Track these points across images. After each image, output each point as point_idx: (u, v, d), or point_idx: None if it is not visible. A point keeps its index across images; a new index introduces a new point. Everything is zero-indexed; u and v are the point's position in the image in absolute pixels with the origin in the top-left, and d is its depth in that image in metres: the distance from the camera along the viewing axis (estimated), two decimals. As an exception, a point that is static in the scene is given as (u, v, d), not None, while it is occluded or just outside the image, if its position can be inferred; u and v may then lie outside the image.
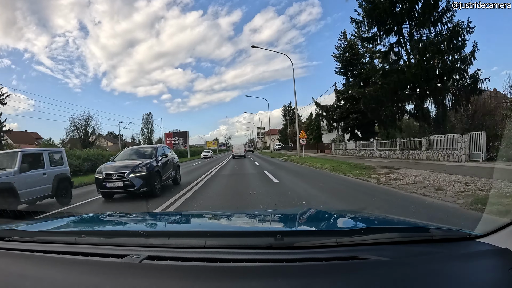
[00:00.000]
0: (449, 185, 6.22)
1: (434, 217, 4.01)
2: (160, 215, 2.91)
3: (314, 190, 7.24)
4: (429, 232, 1.02)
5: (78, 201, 7.41)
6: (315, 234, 1.21)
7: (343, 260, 0.88)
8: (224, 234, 1.24)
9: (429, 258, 0.87)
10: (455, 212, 4.34)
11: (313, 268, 0.84)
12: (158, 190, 7.36)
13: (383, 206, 4.98)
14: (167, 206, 5.98)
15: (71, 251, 1.04)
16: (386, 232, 1.05)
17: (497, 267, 0.84)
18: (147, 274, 0.85)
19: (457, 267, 0.84)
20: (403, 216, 3.76)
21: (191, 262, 0.90)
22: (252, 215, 1.98)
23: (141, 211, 5.47)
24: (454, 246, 0.96)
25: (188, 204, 6.20)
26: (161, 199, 6.69)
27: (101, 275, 0.87)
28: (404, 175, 8.39)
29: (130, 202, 6.85)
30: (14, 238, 1.19)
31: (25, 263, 1.00)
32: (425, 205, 4.83)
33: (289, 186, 8.16)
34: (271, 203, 5.67)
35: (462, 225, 1.29)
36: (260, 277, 0.82)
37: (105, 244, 1.09)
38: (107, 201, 7.29)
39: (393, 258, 0.88)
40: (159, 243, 1.08)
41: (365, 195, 6.25)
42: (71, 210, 6.44)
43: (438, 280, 0.78)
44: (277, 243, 0.98)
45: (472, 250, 0.92)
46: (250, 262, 0.89)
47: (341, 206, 5.10)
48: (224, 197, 7.05)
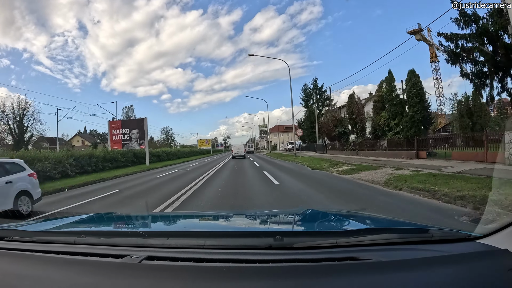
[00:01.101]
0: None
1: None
2: (160, 215, 2.92)
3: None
4: (428, 233, 1.03)
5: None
6: (315, 235, 1.21)
7: (342, 261, 0.88)
8: (223, 235, 1.24)
9: (429, 259, 0.87)
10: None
11: (313, 269, 0.84)
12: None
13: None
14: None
15: (70, 251, 1.04)
16: (386, 233, 1.05)
17: (496, 268, 0.84)
18: (147, 274, 0.85)
19: (457, 268, 0.84)
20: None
21: (190, 263, 0.90)
22: (251, 215, 1.98)
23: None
24: (454, 247, 0.96)
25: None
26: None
27: (100, 275, 0.87)
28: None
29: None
30: (14, 238, 1.19)
31: (25, 263, 0.99)
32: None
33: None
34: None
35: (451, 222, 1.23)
36: (259, 278, 0.82)
37: (105, 244, 1.09)
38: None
39: (393, 258, 0.88)
40: (159, 243, 1.08)
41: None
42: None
43: (437, 281, 0.78)
44: (277, 243, 0.98)
45: (471, 251, 0.92)
46: (249, 262, 0.89)
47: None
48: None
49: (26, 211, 6.10)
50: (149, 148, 26.84)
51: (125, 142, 25.28)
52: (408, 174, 8.59)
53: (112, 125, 26.36)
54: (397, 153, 16.32)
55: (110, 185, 11.73)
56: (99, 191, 9.72)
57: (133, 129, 25.48)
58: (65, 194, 10.02)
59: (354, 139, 23.36)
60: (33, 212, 6.01)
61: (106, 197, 8.32)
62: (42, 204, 7.15)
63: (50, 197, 9.04)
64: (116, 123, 27.04)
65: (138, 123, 26.29)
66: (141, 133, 25.17)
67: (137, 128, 25.42)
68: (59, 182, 12.55)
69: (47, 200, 8.12)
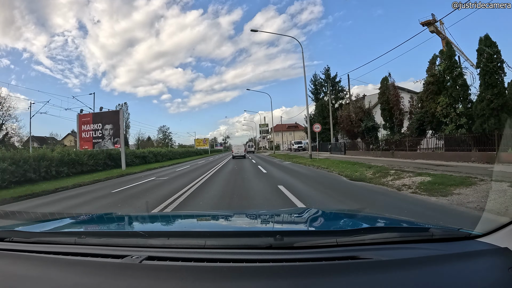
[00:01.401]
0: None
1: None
2: (160, 215, 2.88)
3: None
4: (428, 232, 1.04)
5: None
6: (315, 234, 1.22)
7: (343, 260, 0.88)
8: (223, 234, 1.24)
9: (429, 257, 0.87)
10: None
11: (313, 268, 0.84)
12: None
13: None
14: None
15: (71, 252, 1.04)
16: (386, 232, 1.07)
17: (497, 266, 0.84)
18: (147, 275, 0.85)
19: (457, 267, 0.85)
20: None
21: (191, 263, 0.90)
22: (251, 215, 1.98)
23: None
24: (454, 245, 0.97)
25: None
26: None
27: (101, 276, 0.88)
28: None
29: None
30: (14, 239, 1.19)
31: (25, 264, 1.00)
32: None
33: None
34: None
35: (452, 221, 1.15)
36: (260, 277, 0.82)
37: (105, 245, 1.09)
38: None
39: (393, 257, 0.88)
40: (159, 243, 1.08)
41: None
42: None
43: (438, 279, 0.79)
44: (277, 243, 0.98)
45: (472, 250, 0.93)
46: (249, 262, 0.89)
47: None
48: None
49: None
50: (139, 148, 20.84)
51: (96, 140, 19.08)
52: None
53: (81, 119, 19.72)
54: (460, 154, 11.55)
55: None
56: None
57: (105, 124, 19.02)
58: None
59: (387, 136, 18.11)
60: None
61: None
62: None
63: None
64: (86, 116, 20.04)
65: (112, 117, 19.47)
66: (115, 129, 18.86)
67: (111, 123, 18.93)
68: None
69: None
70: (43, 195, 9.46)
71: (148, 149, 33.03)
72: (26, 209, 6.61)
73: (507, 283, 0.78)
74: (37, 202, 8.14)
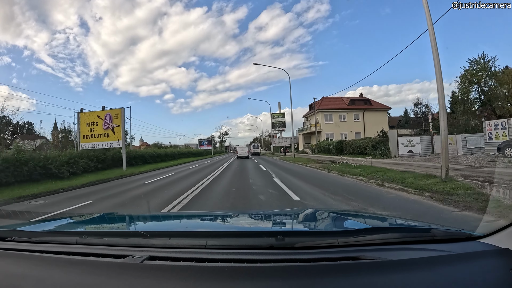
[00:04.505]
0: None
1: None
2: (161, 215, 2.80)
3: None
4: (430, 233, 1.04)
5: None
6: (316, 235, 1.23)
7: (344, 261, 0.88)
8: (225, 235, 1.24)
9: (431, 258, 0.87)
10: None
11: (315, 269, 0.84)
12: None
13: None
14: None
15: (72, 252, 1.04)
16: (388, 233, 1.06)
17: (498, 267, 0.84)
18: (148, 275, 0.86)
19: (459, 267, 0.85)
20: None
21: (192, 263, 0.90)
22: (253, 215, 1.98)
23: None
24: (455, 246, 0.96)
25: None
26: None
27: (102, 276, 0.88)
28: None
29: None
30: (16, 239, 1.19)
31: (27, 264, 1.00)
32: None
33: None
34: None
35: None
36: (261, 278, 0.82)
37: (106, 245, 1.10)
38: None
39: (395, 258, 0.88)
40: (160, 243, 1.08)
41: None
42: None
43: (439, 280, 0.79)
44: (278, 243, 0.98)
45: (473, 250, 0.93)
46: (251, 262, 0.89)
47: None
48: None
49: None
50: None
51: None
52: None
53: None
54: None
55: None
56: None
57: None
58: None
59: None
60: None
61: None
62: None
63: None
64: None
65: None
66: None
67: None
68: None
69: None
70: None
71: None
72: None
73: (509, 284, 0.78)
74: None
